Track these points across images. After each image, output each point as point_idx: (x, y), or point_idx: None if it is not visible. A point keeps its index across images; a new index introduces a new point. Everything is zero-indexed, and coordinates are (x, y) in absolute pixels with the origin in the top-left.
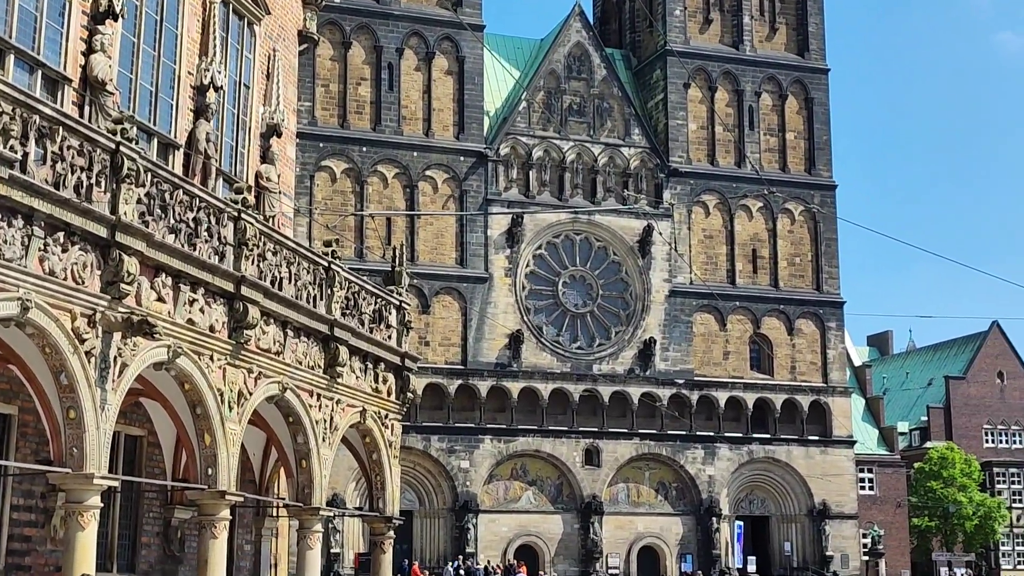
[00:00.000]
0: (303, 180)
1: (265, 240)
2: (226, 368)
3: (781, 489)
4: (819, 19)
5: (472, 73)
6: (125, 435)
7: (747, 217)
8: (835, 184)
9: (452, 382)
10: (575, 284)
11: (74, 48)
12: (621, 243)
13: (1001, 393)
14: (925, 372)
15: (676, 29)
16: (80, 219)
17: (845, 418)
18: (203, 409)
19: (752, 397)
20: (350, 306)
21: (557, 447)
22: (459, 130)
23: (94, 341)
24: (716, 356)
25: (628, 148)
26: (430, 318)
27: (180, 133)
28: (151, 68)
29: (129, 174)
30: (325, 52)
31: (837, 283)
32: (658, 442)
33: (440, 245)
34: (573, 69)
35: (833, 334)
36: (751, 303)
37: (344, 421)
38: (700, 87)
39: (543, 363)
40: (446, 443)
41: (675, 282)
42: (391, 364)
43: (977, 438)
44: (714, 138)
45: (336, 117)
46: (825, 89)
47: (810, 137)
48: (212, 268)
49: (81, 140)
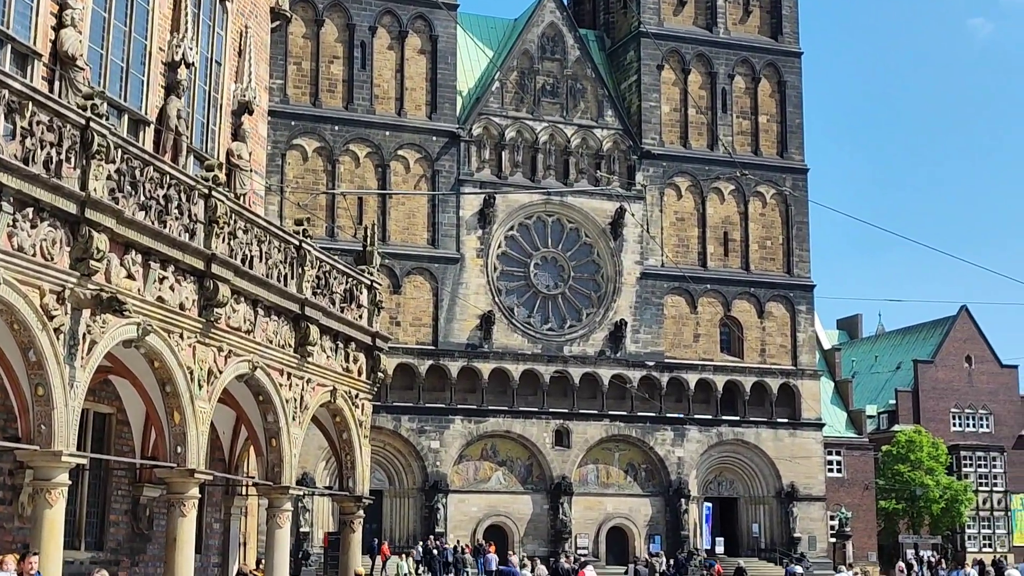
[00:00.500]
0: (274, 158)
1: (236, 218)
2: (196, 346)
3: (750, 471)
4: (793, 2)
5: (445, 52)
6: (94, 413)
7: (719, 200)
8: (807, 168)
9: (423, 362)
10: (547, 265)
11: (44, 23)
12: (593, 225)
13: (969, 377)
14: (894, 356)
15: (650, 11)
16: (49, 195)
17: (814, 401)
18: (173, 387)
19: (722, 379)
20: (321, 285)
21: (527, 428)
22: (432, 110)
23: (63, 318)
24: (687, 338)
25: (601, 130)
26: (401, 298)
27: (151, 110)
28: (122, 44)
29: (99, 150)
30: (297, 30)
31: (808, 266)
32: (628, 424)
33: (412, 225)
34: (547, 50)
35: (803, 317)
36: (722, 286)
37: (314, 400)
38: (673, 69)
39: (514, 344)
40: (416, 423)
41: (646, 264)
42: (362, 344)
43: (944, 422)
44: (687, 120)
45: (308, 95)
46: (798, 72)
47: (782, 120)
48: (182, 246)
49: (51, 116)
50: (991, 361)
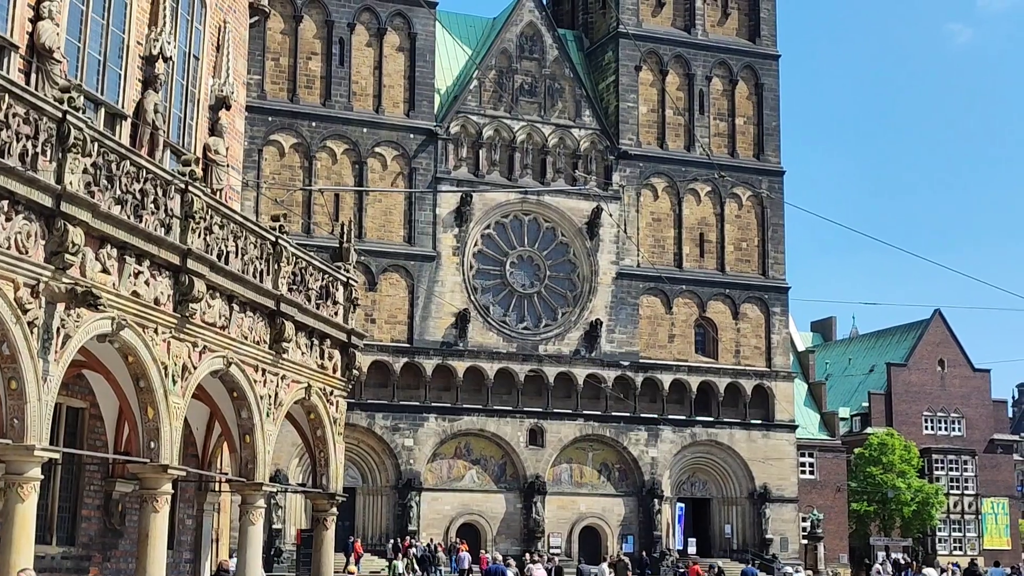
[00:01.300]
0: (251, 154)
1: (212, 213)
2: (171, 341)
3: (723, 472)
4: (771, 5)
5: (424, 50)
6: (67, 407)
7: (695, 201)
8: (783, 170)
9: (398, 360)
10: (523, 264)
11: (21, 15)
12: (569, 224)
13: (941, 381)
14: (867, 358)
15: (629, 11)
16: (25, 188)
17: (788, 403)
18: (146, 382)
19: (696, 380)
20: (297, 282)
21: (501, 427)
22: (409, 107)
23: (37, 311)
24: (661, 339)
25: (579, 129)
26: (377, 295)
27: (128, 103)
28: (99, 37)
29: (75, 144)
30: (276, 25)
31: (783, 268)
32: (602, 423)
33: (388, 222)
34: (525, 49)
35: (777, 319)
36: (697, 287)
37: (289, 397)
38: (651, 70)
39: (489, 343)
40: (390, 421)
41: (622, 264)
42: (337, 341)
43: (917, 425)
44: (664, 121)
45: (286, 91)
46: (775, 75)
47: (759, 123)
48: (158, 240)
49: (27, 108)
50: (964, 365)
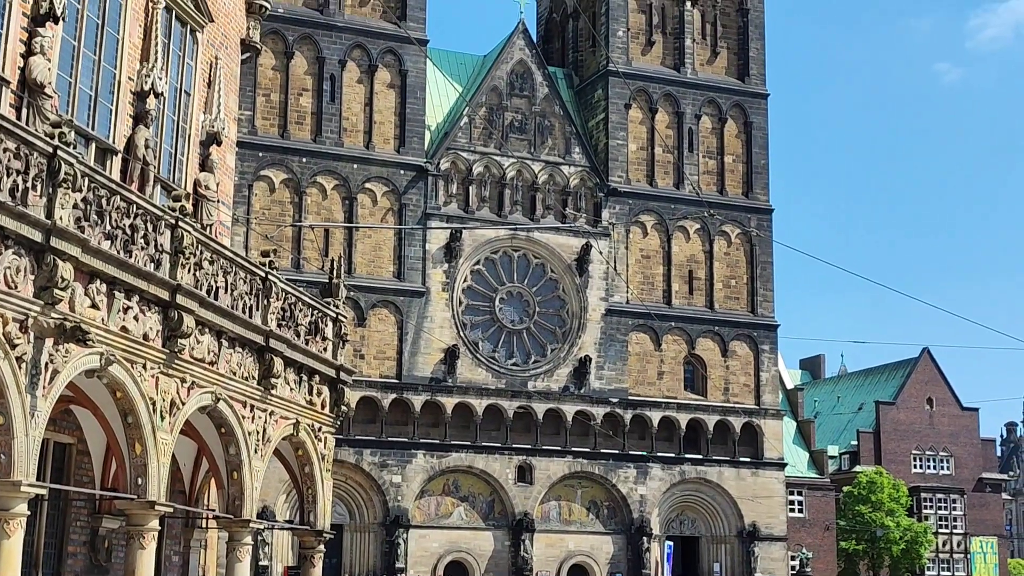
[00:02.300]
0: (241, 189)
1: (202, 249)
2: (159, 377)
3: (712, 510)
4: (760, 44)
5: (414, 87)
6: (54, 442)
7: (684, 238)
8: (772, 208)
9: (386, 396)
10: (512, 300)
11: (13, 50)
12: (559, 261)
13: (930, 419)
14: (856, 396)
15: (618, 50)
16: (14, 223)
17: (776, 440)
18: (134, 418)
19: (685, 417)
20: (286, 317)
21: (490, 463)
22: (400, 143)
23: (25, 347)
24: (651, 376)
25: (568, 166)
26: (366, 331)
27: (119, 139)
28: (91, 72)
29: (66, 179)
30: (267, 61)
31: (772, 306)
32: (591, 460)
33: (378, 258)
34: (515, 86)
35: (767, 357)
36: (686, 324)
37: (277, 433)
38: (641, 108)
39: (478, 379)
40: (379, 457)
41: (611, 301)
42: (326, 376)
43: (906, 463)
44: (653, 159)
45: (277, 127)
46: (764, 114)
47: (748, 161)
48: (147, 276)
49: (18, 143)
50: (952, 404)
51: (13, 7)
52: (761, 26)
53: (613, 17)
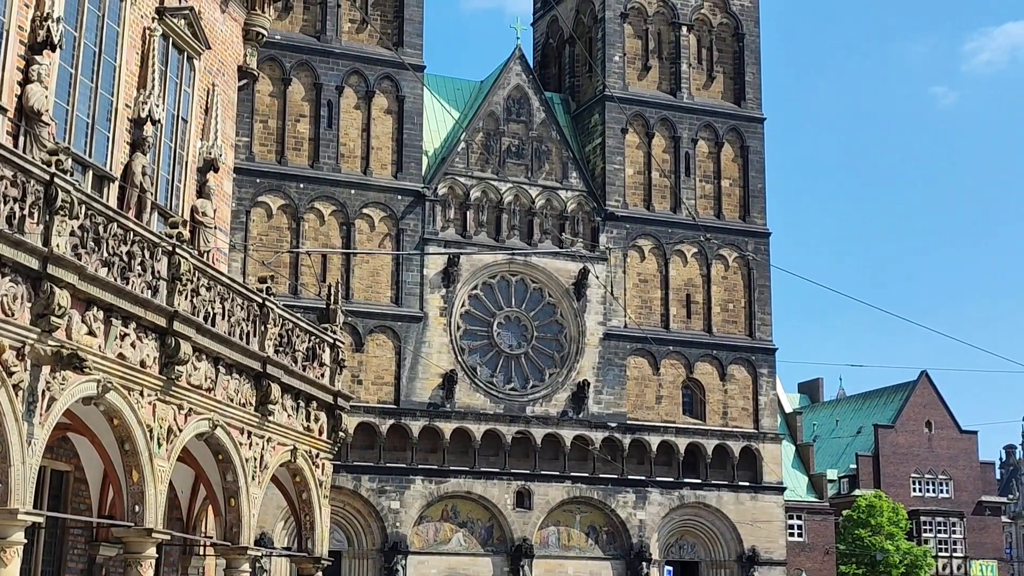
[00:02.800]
0: (239, 215)
1: (199, 275)
2: (156, 404)
3: (711, 534)
4: (756, 69)
5: (412, 113)
6: (51, 470)
7: (682, 262)
8: (769, 232)
9: (384, 421)
10: (510, 325)
11: (10, 78)
12: (557, 285)
13: (929, 442)
14: (855, 420)
15: (615, 75)
16: (11, 250)
17: (775, 464)
18: (131, 445)
19: (684, 442)
20: (283, 343)
21: (488, 489)
22: (397, 169)
23: (22, 374)
24: (649, 400)
25: (565, 191)
26: (364, 356)
27: (116, 166)
28: (88, 100)
29: (63, 206)
30: (264, 88)
31: (770, 330)
32: (590, 485)
33: (376, 283)
34: (512, 111)
35: (765, 380)
36: (684, 348)
37: (274, 460)
38: (638, 132)
39: (476, 404)
40: (377, 483)
41: (609, 325)
42: (323, 403)
43: (905, 487)
44: (650, 183)
45: (274, 153)
46: (761, 138)
47: (745, 185)
48: (144, 302)
49: (15, 170)
50: (951, 427)
51: (11, 35)
52: (757, 51)
53: (609, 42)
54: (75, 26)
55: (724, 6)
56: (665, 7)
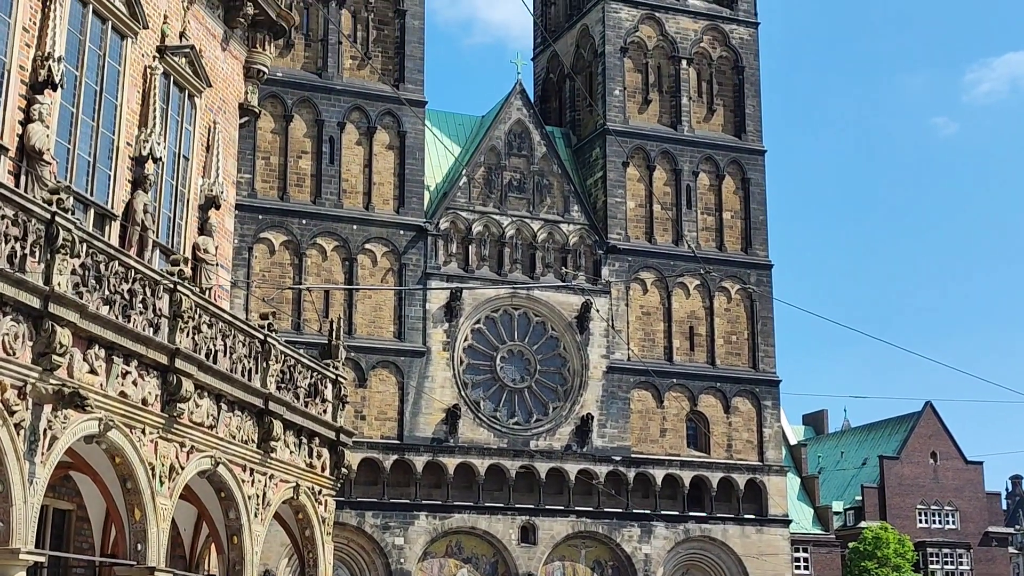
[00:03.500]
0: (241, 251)
1: (201, 312)
2: (158, 442)
3: (717, 568)
4: (756, 101)
5: (413, 148)
6: (53, 509)
7: (684, 295)
8: (771, 264)
9: (388, 457)
10: (513, 359)
11: (11, 117)
12: (559, 319)
13: (934, 473)
14: (860, 452)
15: (615, 109)
16: (12, 289)
17: (781, 497)
18: (134, 483)
19: (689, 475)
20: (285, 379)
21: (493, 524)
22: (399, 204)
23: (24, 413)
24: (653, 433)
25: (567, 224)
26: (367, 392)
27: (117, 204)
28: (89, 138)
29: (64, 245)
30: (266, 125)
31: (773, 362)
32: (595, 520)
33: (378, 318)
34: (513, 146)
35: (769, 413)
36: (688, 380)
37: (277, 497)
38: (638, 166)
39: (480, 438)
40: (380, 519)
41: (613, 358)
42: (326, 439)
43: (911, 518)
44: (652, 216)
45: (276, 189)
46: (761, 170)
47: (747, 217)
48: (146, 340)
49: (16, 210)
50: (956, 457)
51: (12, 75)
52: (757, 83)
53: (610, 77)
54: (76, 65)
55: (724, 40)
56: (665, 41)
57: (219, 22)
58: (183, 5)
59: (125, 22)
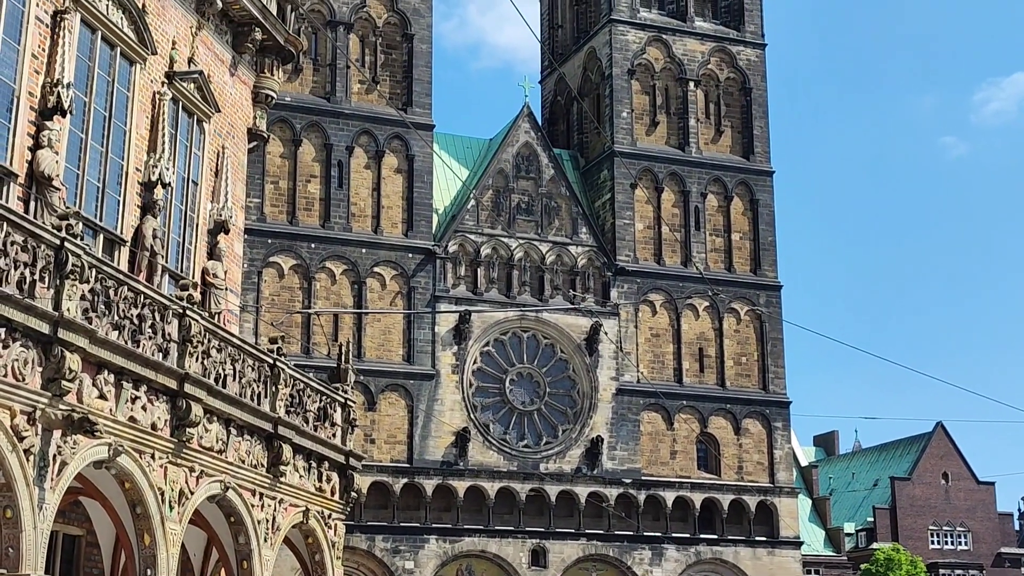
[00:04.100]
0: (250, 276)
1: (210, 337)
2: (168, 466)
3: None
4: (764, 122)
5: (421, 171)
6: (63, 535)
7: (693, 316)
8: (780, 284)
9: (397, 480)
10: (522, 382)
11: (21, 143)
12: (568, 341)
13: (946, 494)
14: (871, 473)
15: (623, 131)
16: (22, 315)
17: (792, 519)
18: (143, 508)
19: (699, 497)
20: (295, 403)
21: (503, 548)
22: (408, 227)
23: (33, 439)
24: (663, 455)
25: (576, 246)
26: (376, 415)
27: (126, 229)
28: (99, 164)
29: (73, 270)
30: (275, 149)
31: (783, 383)
32: (605, 543)
33: (387, 342)
34: (521, 168)
35: (779, 434)
36: (698, 402)
37: (287, 521)
38: (647, 187)
39: (490, 461)
40: (391, 543)
41: (622, 380)
42: (335, 463)
43: (923, 539)
44: (660, 238)
45: (285, 213)
46: (770, 191)
47: (755, 238)
48: (155, 365)
49: (25, 236)
50: (968, 478)
51: (21, 101)
52: (764, 104)
53: (617, 99)
54: (85, 91)
55: (731, 61)
56: (672, 63)
57: (227, 47)
58: (191, 31)
59: (134, 48)
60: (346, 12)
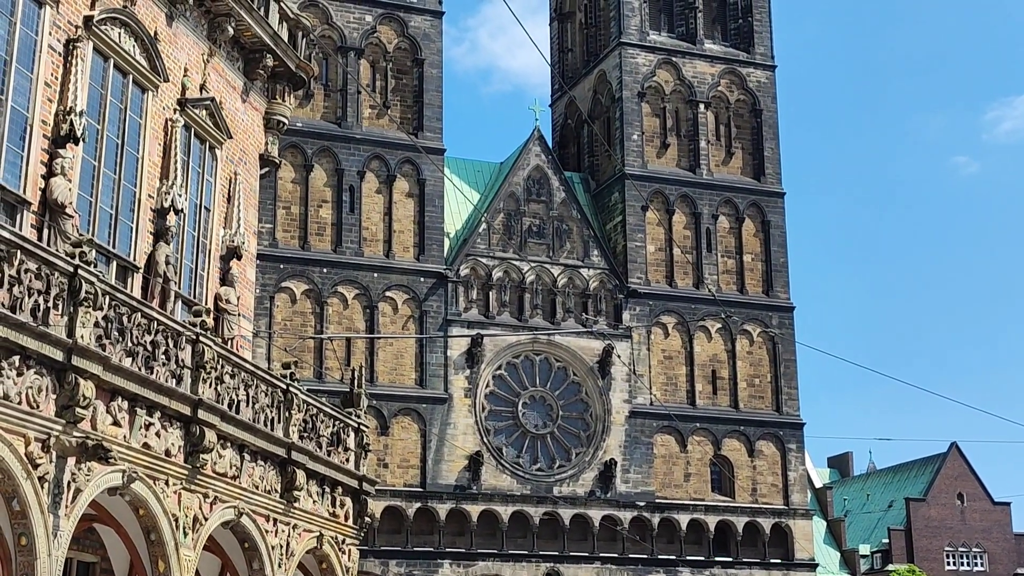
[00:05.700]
0: (263, 301)
1: (223, 363)
2: (181, 493)
3: None
4: (774, 144)
5: (433, 195)
6: (78, 561)
7: (706, 338)
8: (793, 306)
9: (411, 505)
10: (535, 405)
11: (34, 171)
12: (581, 364)
13: (962, 515)
14: (886, 494)
15: (634, 153)
16: (36, 343)
17: (807, 541)
18: (157, 535)
19: (714, 519)
20: (308, 428)
21: (517, 572)
22: (419, 251)
23: (47, 466)
24: (677, 478)
25: (587, 269)
26: (389, 439)
27: (139, 256)
28: (111, 191)
29: (87, 297)
30: (287, 174)
31: (797, 404)
32: (619, 566)
33: (400, 366)
34: (532, 192)
35: (794, 456)
36: (711, 424)
37: (301, 546)
38: (658, 210)
39: (503, 485)
40: (404, 567)
41: (635, 403)
42: (349, 487)
43: (939, 560)
44: (672, 260)
45: (297, 239)
46: (781, 212)
47: (767, 259)
48: (169, 391)
49: (39, 263)
50: (983, 499)
51: (35, 130)
52: (775, 126)
53: (627, 121)
54: (98, 119)
55: (741, 83)
56: (682, 85)
57: (239, 74)
58: (203, 58)
59: (146, 75)
60: (357, 38)
